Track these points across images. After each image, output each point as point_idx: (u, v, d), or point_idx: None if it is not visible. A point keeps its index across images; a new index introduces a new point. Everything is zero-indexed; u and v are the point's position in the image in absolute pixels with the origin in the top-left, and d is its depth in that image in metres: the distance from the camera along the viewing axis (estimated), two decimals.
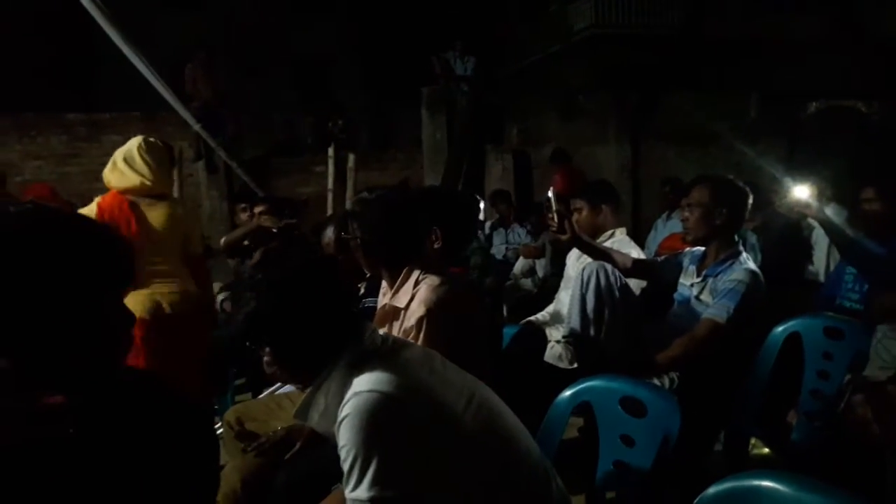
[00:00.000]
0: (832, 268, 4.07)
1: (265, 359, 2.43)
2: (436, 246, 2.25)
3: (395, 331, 2.00)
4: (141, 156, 2.92)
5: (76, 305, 0.96)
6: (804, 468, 2.24)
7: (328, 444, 2.08)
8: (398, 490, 1.19)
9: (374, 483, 1.19)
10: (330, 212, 5.94)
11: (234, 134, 8.57)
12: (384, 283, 2.16)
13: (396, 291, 2.03)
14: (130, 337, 1.07)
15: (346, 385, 1.30)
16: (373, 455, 1.19)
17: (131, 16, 5.22)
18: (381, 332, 1.51)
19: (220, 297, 4.07)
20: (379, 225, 2.02)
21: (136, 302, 2.86)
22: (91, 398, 0.97)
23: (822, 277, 4.21)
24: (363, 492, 1.19)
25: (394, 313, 2.03)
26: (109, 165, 2.96)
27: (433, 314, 1.91)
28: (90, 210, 2.89)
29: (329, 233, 2.80)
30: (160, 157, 2.99)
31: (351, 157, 6.12)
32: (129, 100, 8.19)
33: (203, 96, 8.25)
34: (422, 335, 1.90)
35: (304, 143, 10.40)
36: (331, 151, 6.48)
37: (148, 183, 2.91)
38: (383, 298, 2.13)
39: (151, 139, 3.04)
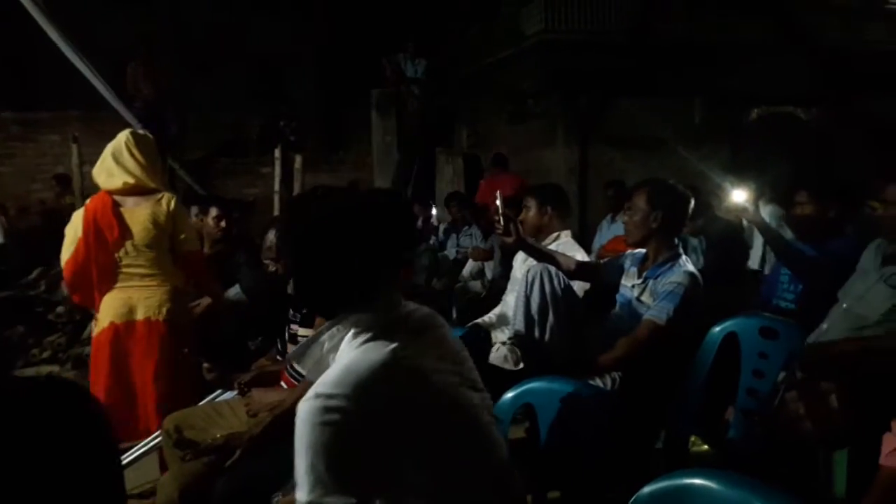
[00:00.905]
0: (768, 260, 4.23)
1: (204, 365, 2.36)
2: None
3: None
4: (130, 150, 2.82)
5: None
6: (741, 465, 2.30)
7: (268, 451, 2.06)
8: (340, 498, 1.17)
9: (315, 488, 1.17)
10: (276, 214, 5.86)
11: (178, 134, 8.36)
12: None
13: None
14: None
15: (341, 347, 1.32)
16: (319, 461, 1.16)
17: (72, 12, 5.06)
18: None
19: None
20: None
21: (109, 307, 2.81)
22: None
23: (756, 266, 4.37)
24: (303, 495, 1.18)
25: None
26: (98, 163, 2.86)
27: None
28: (79, 213, 2.83)
29: (271, 235, 2.75)
30: (149, 151, 2.89)
31: (298, 159, 6.05)
32: (68, 98, 7.92)
33: (145, 95, 8.04)
34: None
35: (251, 144, 10.23)
36: (277, 153, 6.39)
37: (131, 181, 2.81)
38: None
39: (140, 132, 2.94)
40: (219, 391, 2.77)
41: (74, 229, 2.82)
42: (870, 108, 9.10)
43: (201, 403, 2.66)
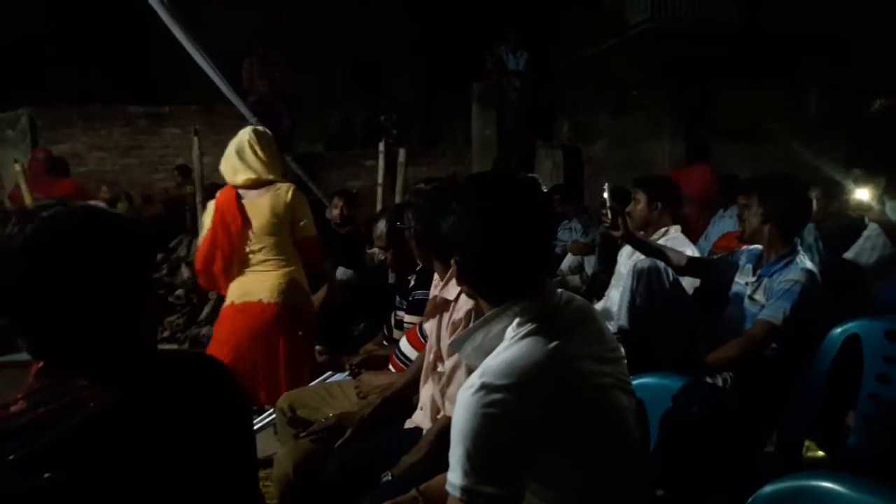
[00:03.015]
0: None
1: (317, 347, 2.42)
2: None
3: (445, 323, 2.02)
4: (252, 147, 3.00)
5: (106, 295, 1.02)
6: (861, 472, 2.18)
7: (377, 432, 2.13)
8: (495, 487, 1.18)
9: (469, 475, 1.19)
10: (380, 206, 5.98)
11: (290, 128, 8.70)
12: (436, 275, 2.18)
13: (447, 283, 2.05)
14: (158, 317, 1.14)
15: (503, 335, 1.33)
16: (475, 450, 1.18)
17: (190, 10, 5.35)
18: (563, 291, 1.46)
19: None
20: (433, 216, 2.04)
21: (232, 289, 3.07)
22: (121, 378, 1.02)
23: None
24: (457, 479, 1.20)
25: (444, 305, 2.04)
26: (224, 159, 3.07)
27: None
28: (211, 204, 3.08)
29: (381, 225, 2.83)
30: (269, 146, 3.07)
31: (401, 152, 6.14)
32: (188, 93, 8.40)
33: (259, 90, 8.41)
34: None
35: (357, 138, 10.49)
36: (381, 146, 6.51)
37: (254, 176, 3.00)
38: (434, 290, 2.15)
39: (260, 128, 3.14)
40: (329, 373, 2.89)
41: (208, 220, 3.07)
42: None
43: (312, 384, 2.78)
